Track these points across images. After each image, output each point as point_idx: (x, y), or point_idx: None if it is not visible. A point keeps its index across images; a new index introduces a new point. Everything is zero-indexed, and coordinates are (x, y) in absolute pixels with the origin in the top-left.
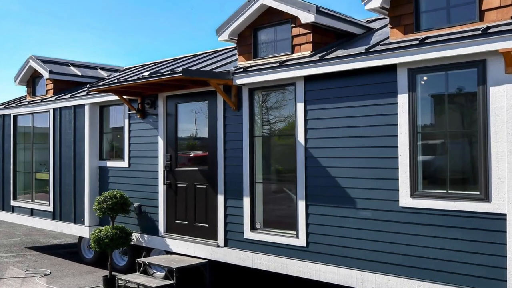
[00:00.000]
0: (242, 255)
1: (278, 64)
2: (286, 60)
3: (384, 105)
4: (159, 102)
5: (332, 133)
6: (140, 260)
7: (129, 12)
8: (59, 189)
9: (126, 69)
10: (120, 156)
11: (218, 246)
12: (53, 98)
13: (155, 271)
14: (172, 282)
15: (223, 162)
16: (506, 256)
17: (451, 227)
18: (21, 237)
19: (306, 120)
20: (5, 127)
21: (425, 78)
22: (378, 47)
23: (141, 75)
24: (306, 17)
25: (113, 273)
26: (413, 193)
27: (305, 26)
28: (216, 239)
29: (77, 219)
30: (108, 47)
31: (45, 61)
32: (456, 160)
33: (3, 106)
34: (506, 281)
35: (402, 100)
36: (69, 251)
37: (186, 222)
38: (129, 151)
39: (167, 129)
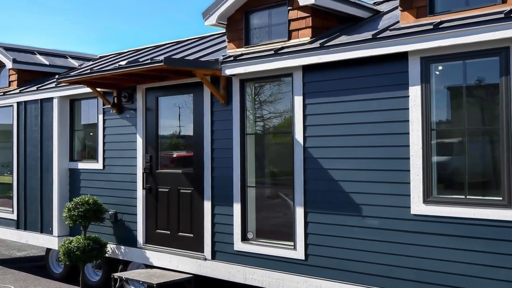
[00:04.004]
0: (232, 269)
1: (273, 52)
2: (282, 48)
3: (393, 98)
4: (137, 95)
5: (335, 131)
6: (116, 275)
7: None
8: (24, 194)
9: (100, 57)
10: (94, 157)
11: (205, 259)
12: (17, 90)
13: None
14: None
15: (211, 163)
16: None
17: (470, 237)
18: None
19: (304, 116)
20: None
21: (440, 68)
22: (387, 33)
23: (117, 65)
24: None
25: None
26: (427, 199)
27: (303, 8)
28: (202, 251)
29: (44, 228)
30: (80, 33)
31: (8, 49)
32: (475, 161)
33: None
34: None
35: (414, 93)
36: (36, 265)
37: (169, 232)
38: (104, 151)
39: (147, 126)
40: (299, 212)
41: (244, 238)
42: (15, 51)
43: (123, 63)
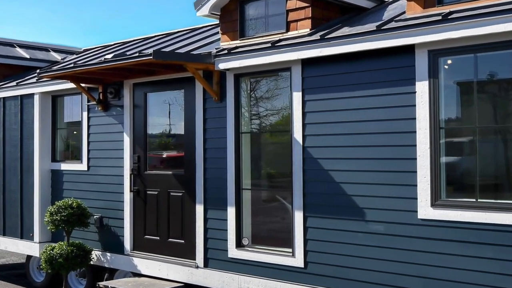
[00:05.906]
0: (226, 277)
1: (270, 44)
2: (280, 40)
3: (399, 94)
4: (124, 91)
5: (336, 129)
6: (102, 284)
7: None
8: (3, 198)
9: (85, 50)
10: (77, 157)
11: (197, 267)
12: None
13: None
14: None
15: (203, 164)
16: None
17: (482, 243)
18: None
19: (304, 113)
20: None
21: (449, 61)
22: (392, 24)
23: (102, 58)
24: None
25: None
26: (435, 202)
27: None
28: (194, 258)
29: (24, 234)
30: (62, 24)
31: None
32: (487, 162)
33: None
34: None
35: (422, 88)
36: (15, 273)
37: (158, 238)
38: (88, 151)
39: (135, 124)
40: (298, 217)
41: (239, 245)
42: None
43: (109, 56)
